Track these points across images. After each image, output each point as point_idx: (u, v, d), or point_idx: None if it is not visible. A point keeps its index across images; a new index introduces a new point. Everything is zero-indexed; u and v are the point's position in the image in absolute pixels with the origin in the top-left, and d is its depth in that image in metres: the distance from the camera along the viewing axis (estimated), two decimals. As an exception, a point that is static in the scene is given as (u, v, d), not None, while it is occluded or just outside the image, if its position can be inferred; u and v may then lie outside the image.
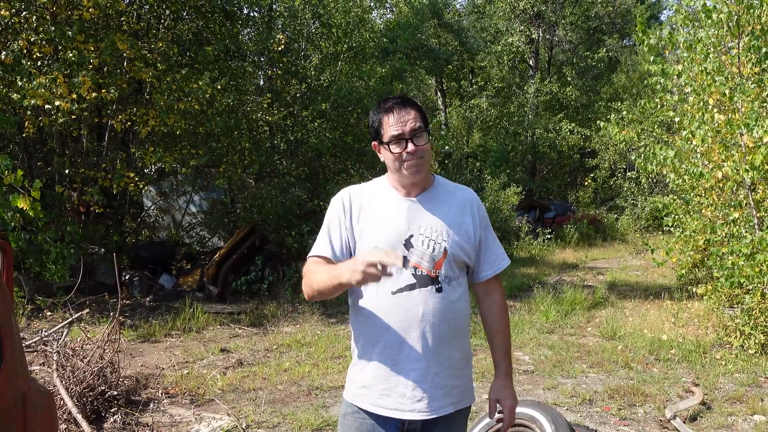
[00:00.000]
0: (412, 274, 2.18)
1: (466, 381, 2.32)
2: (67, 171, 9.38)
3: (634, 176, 20.80)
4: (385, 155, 2.27)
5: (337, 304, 9.46)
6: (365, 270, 1.89)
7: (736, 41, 6.91)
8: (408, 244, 2.19)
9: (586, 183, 25.65)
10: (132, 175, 9.41)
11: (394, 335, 2.18)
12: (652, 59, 7.18)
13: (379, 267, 1.89)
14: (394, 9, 24.04)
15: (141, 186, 9.80)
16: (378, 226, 2.24)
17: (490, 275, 2.34)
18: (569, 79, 27.76)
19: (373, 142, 2.32)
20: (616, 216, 22.99)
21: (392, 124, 2.20)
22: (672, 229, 8.58)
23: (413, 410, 2.18)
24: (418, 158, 2.20)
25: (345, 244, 2.28)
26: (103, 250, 9.90)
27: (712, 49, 7.17)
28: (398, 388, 2.19)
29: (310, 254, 2.34)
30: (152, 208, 12.66)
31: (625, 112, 8.65)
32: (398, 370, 2.19)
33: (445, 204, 2.29)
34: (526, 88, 26.93)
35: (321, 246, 2.29)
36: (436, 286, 2.18)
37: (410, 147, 2.19)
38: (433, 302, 2.17)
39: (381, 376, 2.22)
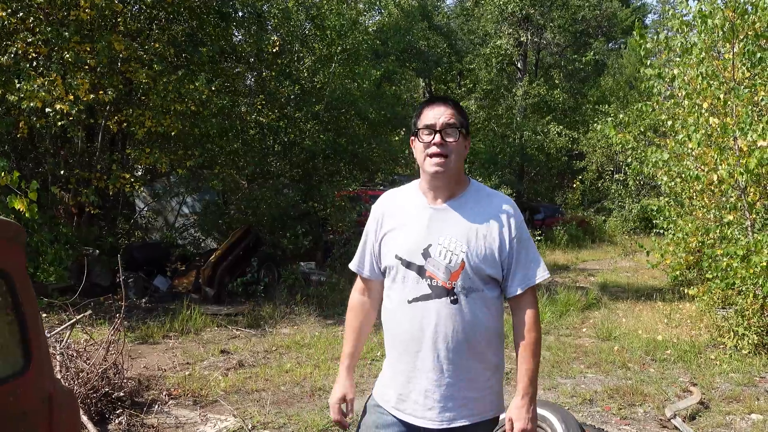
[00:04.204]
0: (428, 284, 2.18)
1: (490, 393, 2.27)
2: (62, 172, 9.33)
3: (621, 178, 21.02)
4: (415, 147, 2.28)
5: (333, 305, 9.47)
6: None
7: (730, 46, 7.03)
8: (426, 254, 2.20)
9: (574, 185, 25.83)
10: (127, 176, 9.38)
11: (411, 343, 2.21)
12: (648, 63, 7.28)
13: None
14: (383, 11, 24.09)
15: (137, 187, 9.78)
16: (399, 236, 2.28)
17: (520, 290, 2.24)
18: (557, 81, 27.96)
19: (411, 137, 2.32)
20: (603, 218, 23.21)
21: (428, 114, 2.23)
22: (665, 231, 8.69)
23: (424, 418, 2.21)
24: (443, 154, 2.19)
25: (373, 262, 2.41)
26: (97, 251, 9.85)
27: (704, 54, 7.28)
28: (413, 394, 2.22)
29: (351, 264, 2.51)
30: (145, 209, 12.62)
31: (621, 115, 8.76)
32: (414, 376, 2.22)
33: (473, 212, 2.24)
34: (514, 90, 27.06)
35: (358, 261, 2.47)
36: (451, 298, 2.16)
37: (437, 138, 2.18)
38: (448, 314, 2.16)
39: (399, 381, 2.27)
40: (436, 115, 2.21)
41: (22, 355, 2.35)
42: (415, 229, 2.24)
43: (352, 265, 2.49)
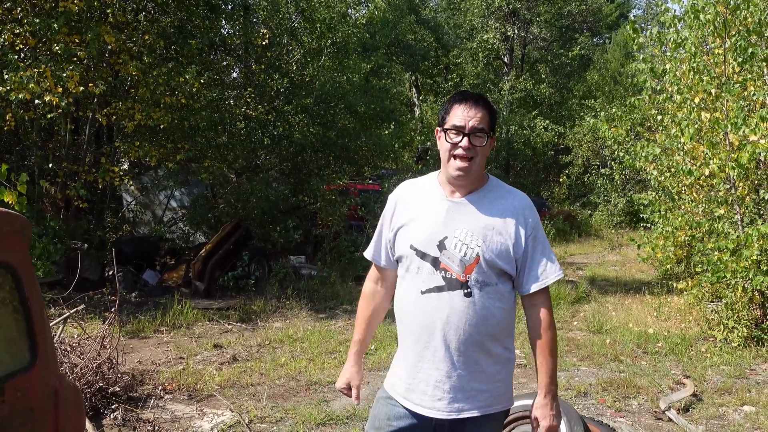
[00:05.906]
0: (442, 276, 2.19)
1: (500, 386, 2.28)
2: (51, 165, 9.21)
3: (607, 173, 21.15)
4: (440, 143, 2.26)
5: (324, 299, 9.45)
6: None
7: (721, 41, 7.08)
8: (441, 246, 2.20)
9: (560, 179, 25.95)
10: (117, 169, 9.28)
11: (422, 333, 2.22)
12: (641, 58, 7.31)
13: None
14: (369, 5, 24.01)
15: (126, 180, 9.67)
16: (414, 225, 2.28)
17: (534, 289, 2.25)
18: (543, 76, 28.04)
19: (436, 128, 2.31)
20: (589, 212, 23.34)
21: (458, 114, 2.20)
22: (655, 225, 8.74)
23: (433, 408, 2.22)
24: (468, 158, 2.18)
25: (389, 250, 2.42)
26: (86, 245, 9.74)
27: (694, 50, 7.33)
28: (421, 385, 2.24)
29: (365, 252, 2.51)
30: (133, 203, 12.50)
31: (614, 110, 8.80)
32: (423, 367, 2.23)
33: (491, 208, 2.24)
34: (500, 84, 27.12)
35: (374, 250, 2.49)
36: (465, 291, 2.17)
37: (464, 142, 2.17)
38: (460, 306, 2.17)
39: (409, 371, 2.28)
40: (467, 116, 2.19)
41: (28, 350, 2.32)
42: (432, 221, 2.24)
43: (368, 254, 2.50)
